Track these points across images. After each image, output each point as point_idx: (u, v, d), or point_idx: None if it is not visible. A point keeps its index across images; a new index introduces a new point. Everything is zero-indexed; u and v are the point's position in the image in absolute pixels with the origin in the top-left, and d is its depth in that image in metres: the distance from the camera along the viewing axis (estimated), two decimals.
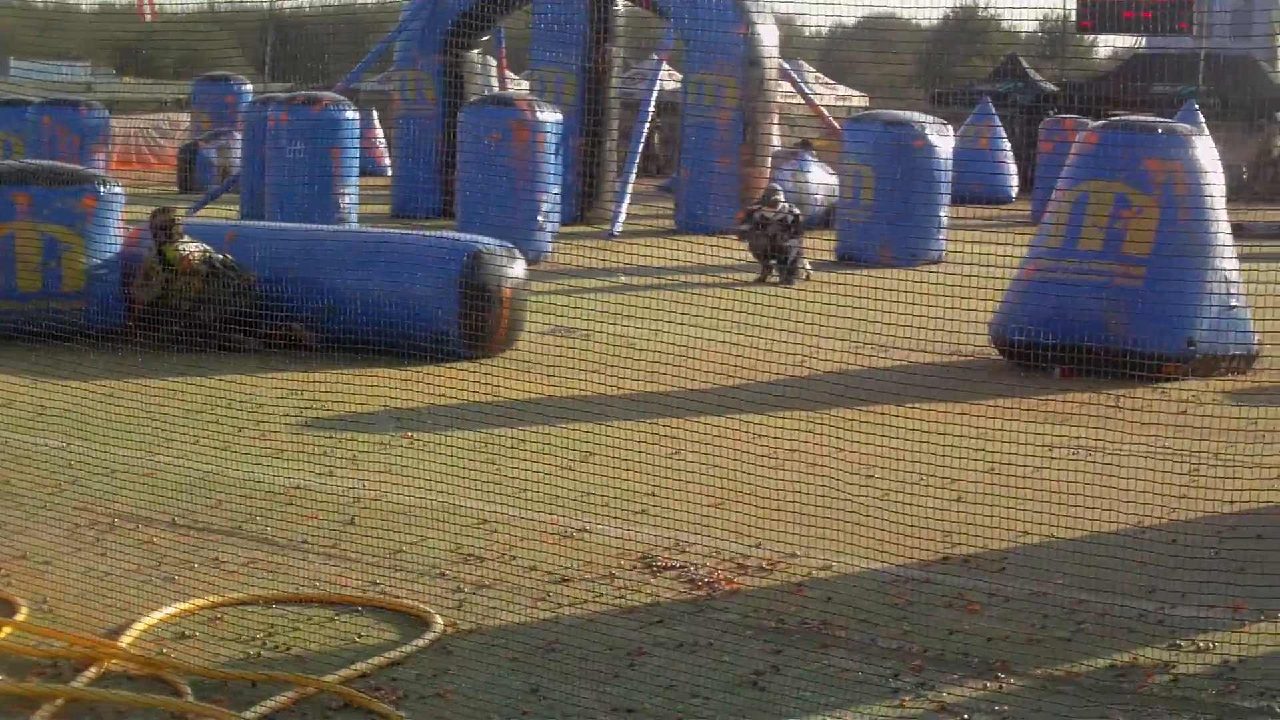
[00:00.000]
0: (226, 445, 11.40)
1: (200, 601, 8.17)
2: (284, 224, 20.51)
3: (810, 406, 12.01)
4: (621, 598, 8.44)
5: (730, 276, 21.40)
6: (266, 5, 39.54)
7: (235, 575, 8.67)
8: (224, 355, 15.00)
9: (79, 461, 10.97)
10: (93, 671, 7.16)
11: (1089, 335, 14.46)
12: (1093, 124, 17.34)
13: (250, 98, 36.79)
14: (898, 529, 9.17)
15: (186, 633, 7.78)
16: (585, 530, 9.58)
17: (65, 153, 30.83)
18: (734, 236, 22.21)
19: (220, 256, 15.92)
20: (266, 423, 12.04)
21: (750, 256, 22.03)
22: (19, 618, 7.88)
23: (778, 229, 22.02)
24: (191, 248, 15.95)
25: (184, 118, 44.69)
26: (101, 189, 16.46)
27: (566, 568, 8.87)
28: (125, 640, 7.53)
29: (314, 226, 19.09)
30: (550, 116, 24.44)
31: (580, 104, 29.83)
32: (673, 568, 8.95)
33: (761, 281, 21.76)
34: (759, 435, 11.54)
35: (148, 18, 30.49)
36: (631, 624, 8.02)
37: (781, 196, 22.81)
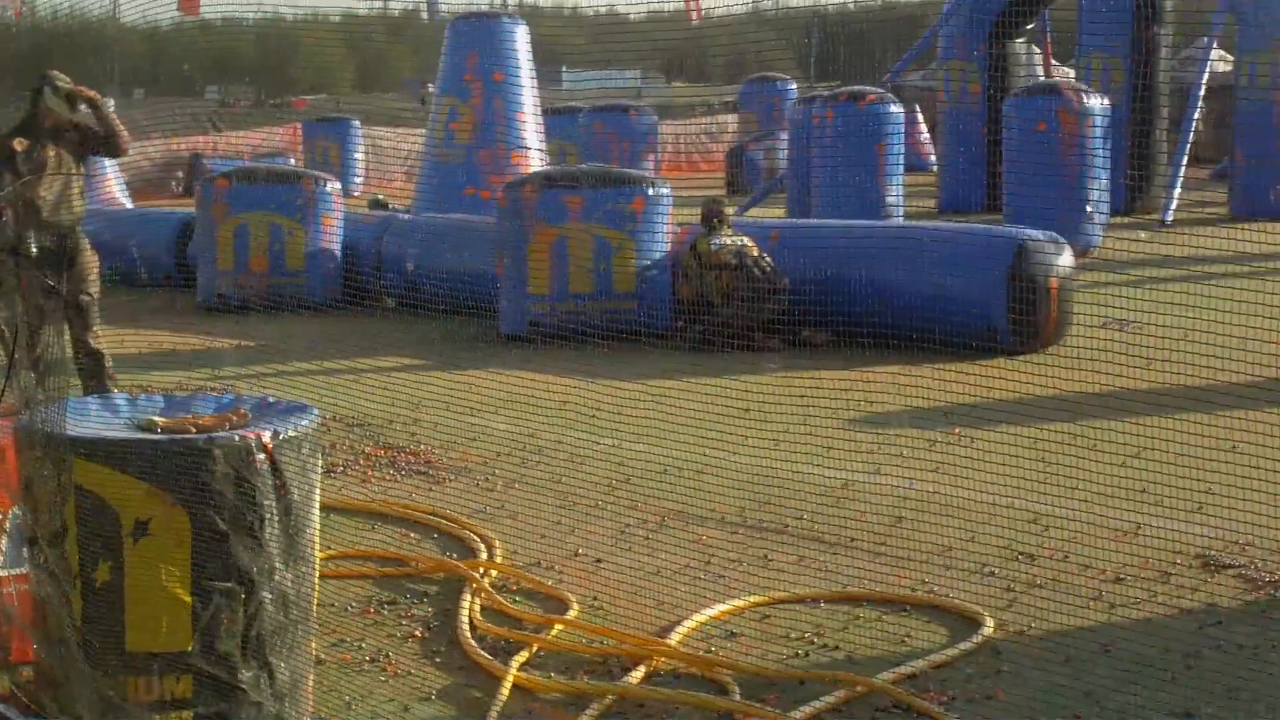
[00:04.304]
0: (775, 442, 11.42)
1: (749, 600, 8.18)
2: (827, 220, 20.57)
3: None
4: (1179, 597, 8.12)
5: None
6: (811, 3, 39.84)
7: (784, 574, 8.65)
8: (762, 354, 15.12)
9: (631, 460, 11.16)
10: (641, 669, 7.22)
11: None
12: None
13: (794, 97, 37.05)
14: None
15: (735, 631, 7.80)
16: (1140, 527, 9.27)
17: (616, 158, 31.57)
18: None
19: (756, 254, 16.00)
20: (814, 420, 12.03)
21: None
22: (570, 615, 8.02)
23: None
24: (726, 241, 16.08)
25: (731, 120, 45.36)
26: (649, 190, 16.75)
27: (1122, 566, 8.59)
28: (674, 638, 7.58)
29: (858, 222, 19.06)
30: (1097, 103, 23.87)
31: (1129, 90, 29.06)
32: (1231, 567, 8.58)
33: None
34: None
35: (694, 20, 30.96)
36: (1189, 625, 7.71)
37: None
